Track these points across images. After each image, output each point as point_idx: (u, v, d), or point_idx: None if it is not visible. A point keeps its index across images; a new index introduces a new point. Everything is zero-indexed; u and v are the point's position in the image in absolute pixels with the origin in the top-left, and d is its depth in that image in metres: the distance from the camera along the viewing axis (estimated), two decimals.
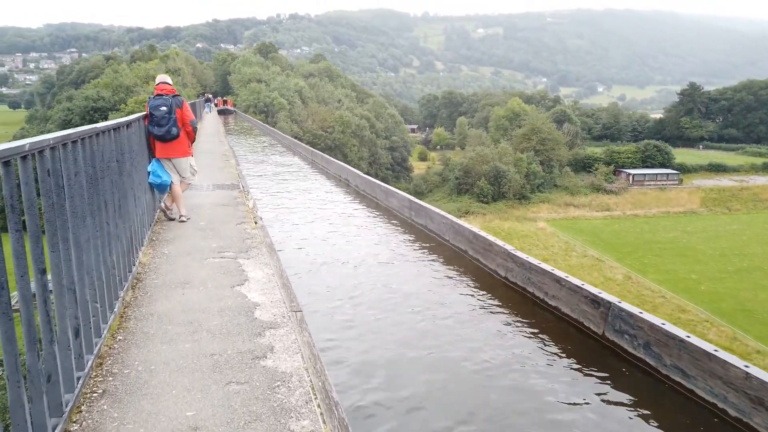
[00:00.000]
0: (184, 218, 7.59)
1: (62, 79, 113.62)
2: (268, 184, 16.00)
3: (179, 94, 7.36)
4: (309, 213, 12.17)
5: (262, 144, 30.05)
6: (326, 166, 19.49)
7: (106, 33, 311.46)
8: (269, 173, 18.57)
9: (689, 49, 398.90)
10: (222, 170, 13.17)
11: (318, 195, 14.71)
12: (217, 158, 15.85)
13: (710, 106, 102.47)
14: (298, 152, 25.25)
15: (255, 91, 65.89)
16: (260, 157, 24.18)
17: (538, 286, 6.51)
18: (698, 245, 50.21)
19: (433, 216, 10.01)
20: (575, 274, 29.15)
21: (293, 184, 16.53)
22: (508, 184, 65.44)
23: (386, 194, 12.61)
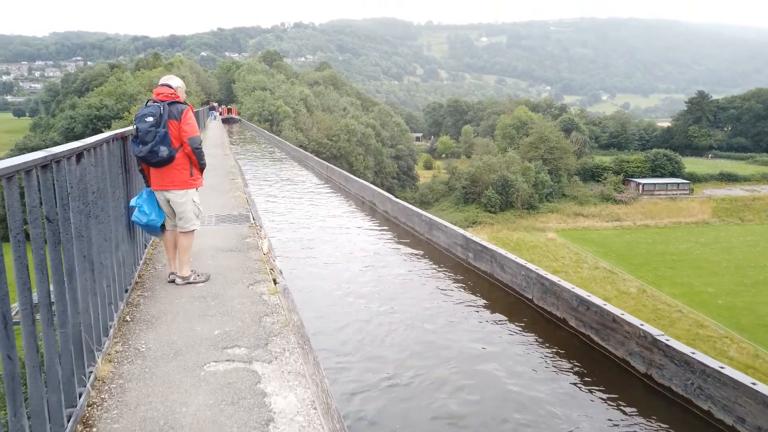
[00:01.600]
0: (180, 281, 5.35)
1: (67, 87, 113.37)
2: (280, 209, 13.84)
3: (182, 101, 5.31)
4: (336, 252, 9.74)
5: (271, 156, 27.83)
6: (345, 184, 17.22)
7: (111, 41, 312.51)
8: (281, 195, 16.16)
9: (694, 57, 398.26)
10: (227, 194, 11.21)
11: (342, 226, 12.13)
12: (221, 177, 13.92)
13: (718, 115, 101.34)
14: (310, 166, 23.19)
15: (260, 99, 65.24)
16: (269, 172, 21.82)
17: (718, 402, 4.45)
18: (712, 257, 49.06)
19: (504, 262, 7.37)
20: (587, 287, 27.98)
21: (311, 209, 14.19)
22: (516, 194, 64.45)
23: (429, 226, 10.18)
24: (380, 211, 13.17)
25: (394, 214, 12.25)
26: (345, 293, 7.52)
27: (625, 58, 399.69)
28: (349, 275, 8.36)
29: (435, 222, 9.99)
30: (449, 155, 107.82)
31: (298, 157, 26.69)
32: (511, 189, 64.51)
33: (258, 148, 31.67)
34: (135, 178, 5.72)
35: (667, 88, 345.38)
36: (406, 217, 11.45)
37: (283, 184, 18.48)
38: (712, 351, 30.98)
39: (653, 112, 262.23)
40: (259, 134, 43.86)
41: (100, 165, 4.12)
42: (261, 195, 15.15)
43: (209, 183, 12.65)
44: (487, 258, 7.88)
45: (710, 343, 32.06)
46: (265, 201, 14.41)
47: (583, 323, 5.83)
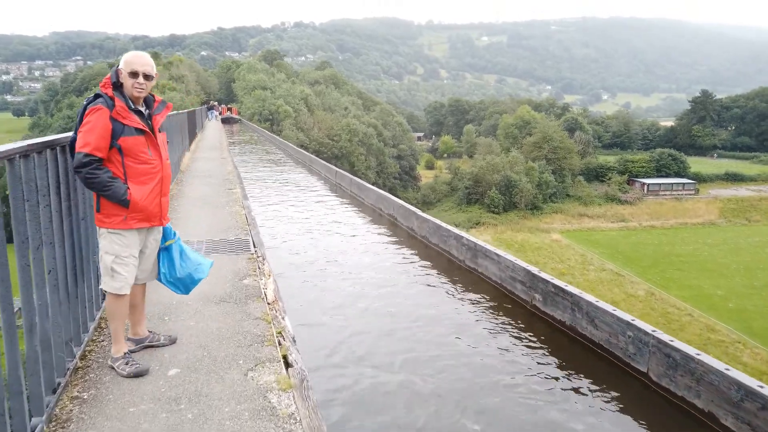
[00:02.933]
0: (125, 362, 3.45)
1: (66, 86, 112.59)
2: (286, 228, 11.11)
3: (104, 94, 3.40)
4: (352, 287, 7.43)
5: (273, 160, 25.52)
6: (359, 193, 14.96)
7: (111, 41, 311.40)
8: (285, 209, 13.43)
9: (695, 57, 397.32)
10: (222, 209, 9.18)
11: (356, 250, 9.54)
12: (216, 186, 11.84)
13: (722, 114, 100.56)
14: (316, 171, 20.71)
15: (260, 99, 64.41)
16: (271, 177, 19.35)
17: None
18: (720, 258, 48.28)
19: (595, 313, 5.23)
20: (594, 291, 26.60)
21: (323, 226, 11.37)
22: (520, 194, 63.60)
23: (473, 253, 7.86)
24: (403, 227, 10.99)
25: (422, 233, 10.00)
26: (365, 369, 5.01)
27: (627, 57, 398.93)
28: (370, 329, 6.01)
29: (482, 248, 7.65)
30: (451, 155, 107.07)
31: (302, 160, 24.63)
32: (515, 189, 63.67)
33: (259, 151, 29.41)
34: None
35: (668, 87, 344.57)
36: (439, 238, 9.19)
37: (286, 192, 16.07)
38: (724, 356, 30.16)
39: (654, 111, 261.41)
40: (260, 135, 42.14)
41: None
42: (262, 207, 13.21)
43: (201, 193, 10.80)
44: (566, 304, 5.64)
45: (722, 348, 31.26)
46: (266, 217, 12.13)
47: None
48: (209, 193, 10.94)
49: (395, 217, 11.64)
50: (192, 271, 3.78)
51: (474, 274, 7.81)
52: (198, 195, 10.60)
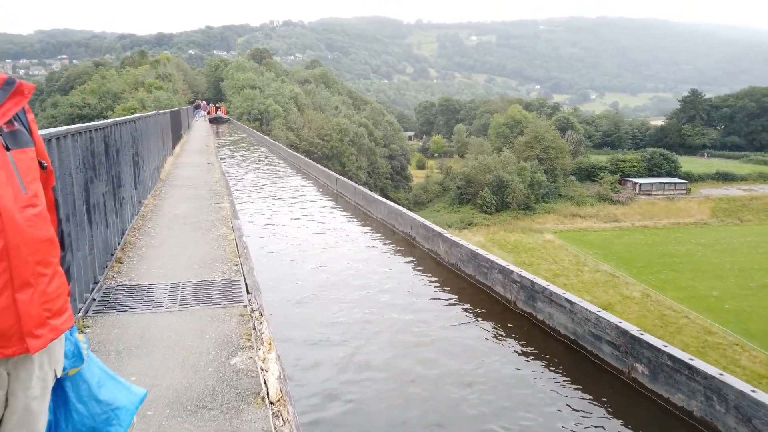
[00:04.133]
0: None
1: (51, 85, 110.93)
2: (284, 252, 9.43)
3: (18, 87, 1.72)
4: (382, 350, 5.68)
5: (265, 164, 23.65)
6: (365, 206, 12.90)
7: (97, 39, 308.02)
8: (282, 226, 11.44)
9: (682, 57, 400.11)
10: (207, 232, 7.29)
11: (370, 285, 7.62)
12: (201, 200, 9.82)
13: (712, 113, 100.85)
14: (313, 177, 18.82)
15: (249, 98, 63.39)
16: (264, 185, 17.36)
17: None
18: (714, 259, 48.09)
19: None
20: (590, 292, 25.77)
21: (328, 250, 9.59)
22: (512, 194, 63.13)
23: (529, 294, 6.11)
24: (423, 249, 9.19)
25: (450, 260, 8.07)
26: None
27: (614, 57, 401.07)
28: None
29: (542, 289, 5.76)
30: (442, 155, 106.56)
31: (297, 164, 22.66)
32: (507, 189, 63.18)
33: (249, 154, 27.54)
34: None
35: (655, 87, 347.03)
36: (476, 269, 7.16)
37: (282, 204, 14.18)
38: (722, 359, 29.82)
39: (642, 110, 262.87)
40: (250, 135, 40.57)
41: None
42: (254, 225, 11.21)
43: (182, 210, 8.81)
44: (693, 387, 3.98)
45: (720, 350, 30.91)
46: (259, 236, 10.32)
47: None
48: (191, 209, 9.08)
49: (413, 236, 9.88)
50: (98, 424, 1.96)
51: (532, 320, 5.92)
52: (178, 212, 8.82)
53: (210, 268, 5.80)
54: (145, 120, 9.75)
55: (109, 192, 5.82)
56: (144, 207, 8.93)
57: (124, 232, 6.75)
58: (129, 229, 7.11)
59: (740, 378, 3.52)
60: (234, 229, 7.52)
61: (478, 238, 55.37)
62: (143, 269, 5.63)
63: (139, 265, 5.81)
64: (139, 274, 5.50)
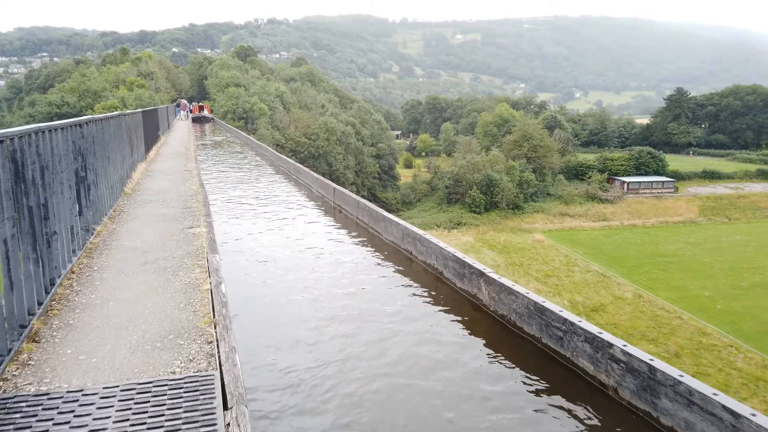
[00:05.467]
0: None
1: (30, 83, 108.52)
2: (275, 302, 7.00)
3: None
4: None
5: (249, 166, 21.76)
6: (372, 225, 10.64)
7: (78, 37, 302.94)
8: (272, 255, 9.18)
9: (664, 56, 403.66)
10: (172, 279, 5.36)
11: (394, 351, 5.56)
12: (171, 223, 7.85)
13: (697, 112, 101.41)
14: (305, 184, 16.70)
15: (233, 96, 62.19)
16: (247, 195, 15.20)
17: None
18: (704, 258, 47.95)
19: None
20: (581, 293, 24.86)
21: (335, 302, 6.95)
22: (501, 194, 62.69)
23: (648, 386, 4.10)
24: (456, 288, 7.15)
25: (500, 310, 6.04)
26: None
27: (598, 56, 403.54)
28: None
29: (669, 378, 3.93)
30: (429, 153, 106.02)
31: (286, 169, 20.23)
32: (496, 188, 62.72)
33: (233, 158, 25.23)
34: None
35: (638, 85, 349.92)
36: (544, 328, 5.27)
37: (269, 220, 12.04)
38: (718, 361, 29.49)
39: (625, 109, 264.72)
40: (235, 136, 38.64)
41: None
42: (237, 257, 9.00)
43: (142, 241, 6.74)
44: None
45: (715, 352, 30.54)
46: (243, 274, 8.18)
47: None
48: (157, 238, 6.92)
49: (440, 271, 7.64)
50: None
51: (650, 422, 4.09)
52: (138, 243, 6.68)
53: (171, 348, 3.85)
54: (101, 123, 7.77)
55: (23, 233, 4.05)
56: (95, 235, 6.88)
57: (54, 283, 4.84)
58: (64, 276, 5.19)
59: (736, 379, 2.89)
60: (210, 272, 5.50)
61: (468, 238, 54.83)
62: (67, 355, 3.74)
63: (63, 347, 3.88)
64: (58, 367, 3.57)
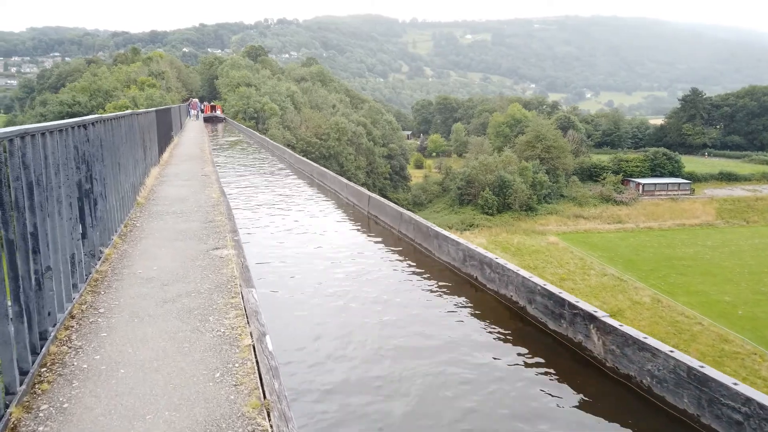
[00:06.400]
0: None
1: (42, 83, 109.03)
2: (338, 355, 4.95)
3: None
4: None
5: (271, 173, 19.10)
6: (422, 242, 8.44)
7: (90, 37, 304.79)
8: (318, 299, 6.47)
9: (675, 56, 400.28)
10: (201, 329, 3.88)
11: None
12: (192, 242, 6.36)
13: (712, 113, 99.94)
14: (331, 190, 14.64)
15: (244, 96, 61.79)
16: (271, 203, 13.04)
17: None
18: (723, 262, 46.96)
19: None
20: (597, 297, 23.70)
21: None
22: (514, 195, 61.86)
23: None
24: (548, 330, 5.26)
25: (643, 379, 4.19)
26: None
27: (608, 56, 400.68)
28: None
29: None
30: (440, 154, 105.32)
31: (308, 173, 18.03)
32: (509, 190, 61.90)
33: (251, 161, 23.25)
34: None
35: (649, 86, 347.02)
36: (699, 404, 3.68)
37: (298, 240, 9.52)
38: (742, 370, 28.62)
39: (637, 109, 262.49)
40: (249, 136, 37.43)
41: None
42: (273, 289, 6.79)
43: (159, 269, 5.18)
44: None
45: (738, 360, 29.70)
46: (282, 312, 6.05)
47: None
48: (177, 263, 5.39)
49: (521, 306, 5.64)
50: None
51: None
52: (155, 271, 5.14)
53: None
54: (111, 123, 6.52)
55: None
56: (102, 261, 5.34)
57: (46, 337, 3.45)
58: (61, 325, 3.78)
59: (762, 389, 2.95)
60: (248, 317, 4.03)
61: (480, 239, 54.04)
62: None
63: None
64: None
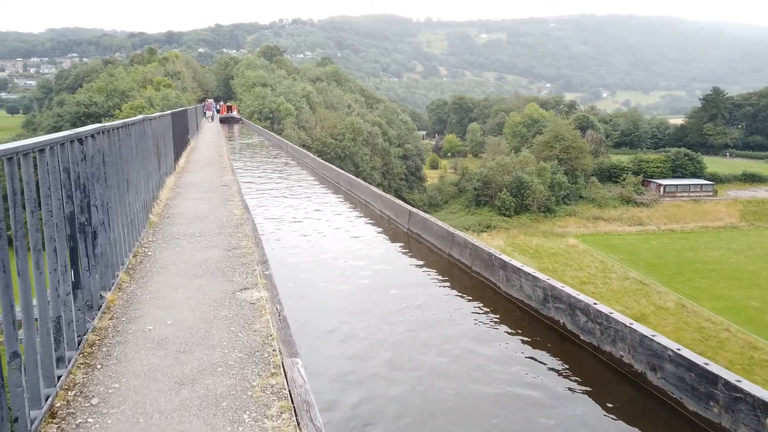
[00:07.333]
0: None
1: (60, 84, 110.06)
2: None
3: None
4: None
5: (296, 180, 17.44)
6: (483, 272, 7.11)
7: (107, 38, 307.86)
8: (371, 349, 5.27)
9: (693, 55, 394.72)
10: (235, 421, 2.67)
11: None
12: (215, 278, 4.99)
13: (734, 112, 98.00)
14: (361, 200, 13.20)
15: (260, 96, 61.56)
16: (297, 216, 11.67)
17: None
18: (748, 265, 45.72)
19: None
20: (620, 302, 22.49)
21: None
22: (532, 196, 60.90)
23: None
24: (687, 412, 4.00)
25: None
26: None
27: (625, 55, 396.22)
28: None
29: None
30: (455, 154, 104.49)
31: (334, 180, 16.34)
32: (527, 191, 60.96)
33: (273, 166, 21.31)
34: None
35: (667, 85, 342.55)
36: None
37: (339, 274, 7.90)
38: None
39: (654, 109, 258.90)
40: (266, 138, 36.39)
41: None
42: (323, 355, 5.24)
43: (175, 324, 3.93)
44: None
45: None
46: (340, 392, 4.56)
47: None
48: (195, 317, 4.10)
49: (639, 372, 4.47)
50: None
51: None
52: (167, 328, 3.90)
53: None
54: (117, 133, 5.04)
55: None
56: (102, 311, 4.06)
57: None
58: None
59: None
60: (297, 415, 2.87)
61: (498, 242, 53.24)
62: None
63: None
64: None
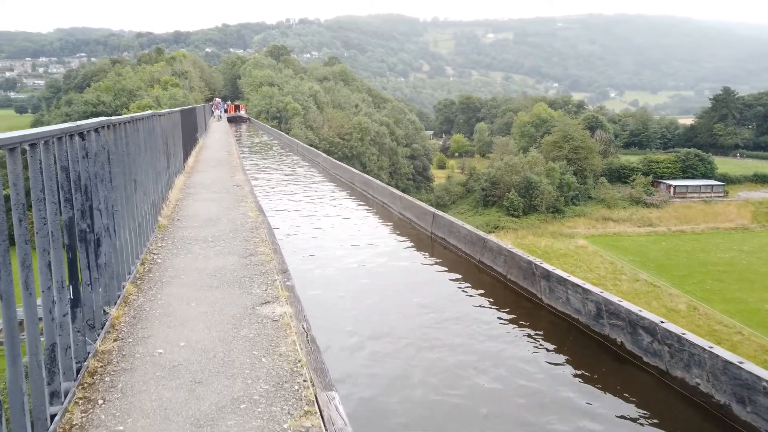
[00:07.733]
0: None
1: (68, 83, 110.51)
2: None
3: None
4: None
5: (306, 179, 16.90)
6: (522, 282, 6.30)
7: (115, 38, 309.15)
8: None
9: (701, 54, 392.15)
10: None
11: None
12: (230, 291, 4.53)
13: (744, 112, 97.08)
14: (378, 201, 12.69)
15: (267, 96, 61.41)
16: (313, 224, 10.70)
17: None
18: (761, 267, 45.14)
19: None
20: (631, 302, 22.21)
21: None
22: (541, 196, 60.45)
23: None
24: None
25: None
26: None
27: (633, 55, 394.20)
28: None
29: None
30: (463, 154, 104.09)
31: (348, 181, 15.65)
32: (535, 191, 60.52)
33: (282, 166, 20.86)
34: None
35: (675, 85, 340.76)
36: None
37: (358, 287, 7.21)
38: None
39: (663, 109, 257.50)
40: (275, 138, 35.82)
41: None
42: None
43: (186, 350, 3.36)
44: None
45: None
46: None
47: None
48: (212, 336, 3.62)
49: (723, 404, 3.73)
50: None
51: None
52: (181, 352, 3.40)
53: None
54: (125, 128, 4.72)
55: None
56: (106, 331, 3.61)
57: None
58: None
59: None
60: None
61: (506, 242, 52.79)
62: None
63: None
64: None
